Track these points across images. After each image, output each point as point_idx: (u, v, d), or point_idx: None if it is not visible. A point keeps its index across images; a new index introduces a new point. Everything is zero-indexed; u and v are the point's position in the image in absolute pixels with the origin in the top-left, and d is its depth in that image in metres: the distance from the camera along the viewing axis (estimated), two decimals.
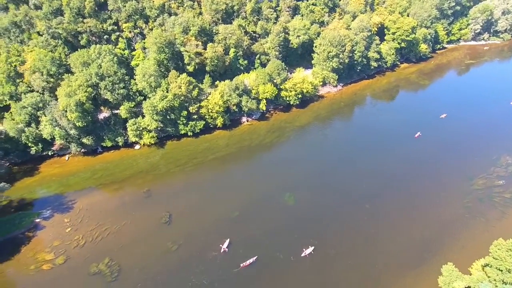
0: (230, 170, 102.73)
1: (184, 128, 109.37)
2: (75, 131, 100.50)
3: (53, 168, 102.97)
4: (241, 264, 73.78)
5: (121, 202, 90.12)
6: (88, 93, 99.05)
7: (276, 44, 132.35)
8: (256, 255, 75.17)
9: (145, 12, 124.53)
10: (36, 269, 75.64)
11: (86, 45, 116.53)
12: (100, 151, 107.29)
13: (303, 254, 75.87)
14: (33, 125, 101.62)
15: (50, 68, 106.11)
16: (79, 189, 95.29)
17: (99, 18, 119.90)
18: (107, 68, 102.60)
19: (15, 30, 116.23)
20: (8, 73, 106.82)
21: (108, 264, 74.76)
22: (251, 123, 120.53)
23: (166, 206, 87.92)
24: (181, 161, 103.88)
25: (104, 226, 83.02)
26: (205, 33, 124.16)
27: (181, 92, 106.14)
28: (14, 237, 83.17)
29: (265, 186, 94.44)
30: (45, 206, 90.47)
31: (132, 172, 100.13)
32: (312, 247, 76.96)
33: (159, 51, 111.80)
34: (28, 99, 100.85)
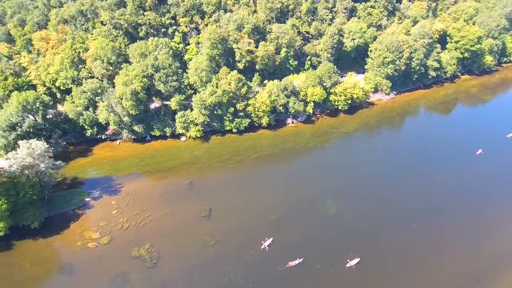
0: (272, 170, 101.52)
1: (229, 125, 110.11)
2: (128, 119, 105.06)
3: (105, 151, 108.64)
4: (288, 264, 72.78)
5: (165, 191, 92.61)
6: (143, 83, 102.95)
7: (329, 46, 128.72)
8: (302, 257, 73.85)
9: (202, 7, 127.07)
10: (82, 245, 79.95)
11: (145, 37, 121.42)
12: (149, 140, 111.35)
13: (348, 265, 73.09)
14: (91, 109, 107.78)
15: (110, 57, 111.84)
16: (127, 173, 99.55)
17: (158, 12, 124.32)
18: (162, 60, 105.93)
19: (81, 18, 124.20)
20: (72, 58, 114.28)
21: (148, 250, 77.07)
22: (296, 125, 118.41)
23: (207, 200, 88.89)
24: (224, 156, 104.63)
25: (148, 213, 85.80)
26: (258, 31, 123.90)
27: (230, 88, 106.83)
28: (65, 213, 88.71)
29: (306, 191, 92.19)
30: (95, 186, 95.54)
31: (177, 162, 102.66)
32: (357, 259, 73.83)
33: (212, 47, 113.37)
34: (88, 84, 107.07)
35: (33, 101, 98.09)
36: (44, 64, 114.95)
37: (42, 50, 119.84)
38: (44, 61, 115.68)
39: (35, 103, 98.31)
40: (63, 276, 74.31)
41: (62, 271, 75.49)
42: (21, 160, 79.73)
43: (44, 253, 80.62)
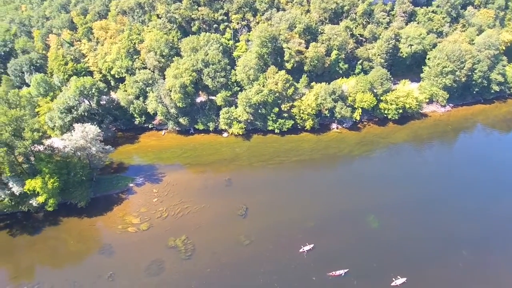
0: (312, 176, 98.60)
1: (272, 125, 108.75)
2: (174, 110, 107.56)
3: (151, 140, 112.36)
4: (331, 272, 70.60)
5: (204, 185, 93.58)
6: (192, 77, 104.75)
7: (383, 51, 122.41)
8: (347, 269, 71.24)
9: (254, 5, 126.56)
10: (123, 229, 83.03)
11: (197, 31, 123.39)
12: (192, 133, 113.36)
13: (393, 284, 69.25)
14: (141, 99, 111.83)
15: (163, 49, 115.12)
16: (169, 163, 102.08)
17: (212, 8, 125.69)
18: (212, 56, 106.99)
19: (138, 10, 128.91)
20: (128, 49, 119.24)
21: (184, 242, 78.16)
22: (341, 131, 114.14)
23: (244, 198, 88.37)
24: (264, 156, 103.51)
25: (186, 204, 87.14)
26: (310, 32, 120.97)
27: (277, 88, 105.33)
28: (109, 196, 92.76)
29: (346, 201, 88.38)
30: (139, 173, 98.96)
31: (217, 158, 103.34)
32: (403, 279, 69.50)
33: (262, 45, 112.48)
34: (141, 75, 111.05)
35: (89, 87, 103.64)
36: (102, 52, 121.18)
37: (101, 39, 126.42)
38: (102, 50, 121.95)
39: (91, 88, 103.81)
40: (103, 256, 77.57)
41: (102, 251, 78.87)
42: (75, 142, 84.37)
43: (88, 231, 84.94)
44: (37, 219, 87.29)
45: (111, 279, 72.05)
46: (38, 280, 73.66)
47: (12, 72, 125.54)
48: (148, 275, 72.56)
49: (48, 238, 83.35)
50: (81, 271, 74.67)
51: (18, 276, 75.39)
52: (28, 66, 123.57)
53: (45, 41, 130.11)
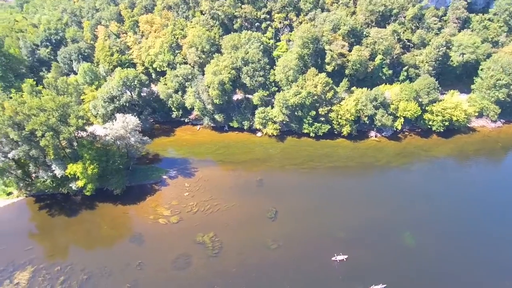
0: (346, 184, 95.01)
1: (308, 128, 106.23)
2: (211, 107, 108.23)
3: (186, 134, 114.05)
4: (370, 286, 67.88)
5: (235, 183, 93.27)
6: (231, 75, 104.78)
7: (432, 58, 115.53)
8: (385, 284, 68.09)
9: (298, 5, 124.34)
10: (154, 219, 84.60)
11: (238, 29, 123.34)
12: (226, 130, 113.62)
13: None
14: (180, 93, 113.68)
15: (204, 46, 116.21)
16: (202, 158, 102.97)
17: (255, 6, 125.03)
18: (252, 54, 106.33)
19: (183, 6, 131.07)
20: (171, 43, 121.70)
21: (212, 239, 78.16)
22: (379, 140, 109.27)
23: (274, 201, 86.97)
24: (297, 160, 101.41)
25: (216, 201, 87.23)
26: (354, 34, 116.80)
27: (316, 91, 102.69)
28: (143, 186, 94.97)
29: (381, 214, 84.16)
30: (172, 166, 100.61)
31: (250, 157, 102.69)
32: None
33: (303, 46, 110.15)
34: (181, 69, 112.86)
35: (132, 78, 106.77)
36: (146, 45, 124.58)
37: (146, 32, 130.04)
38: (146, 43, 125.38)
39: (134, 80, 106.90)
40: (133, 245, 79.42)
41: (133, 239, 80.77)
42: (116, 131, 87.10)
43: (120, 218, 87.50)
44: (75, 202, 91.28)
45: (139, 268, 73.51)
46: (72, 260, 76.71)
47: (61, 60, 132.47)
48: (175, 268, 73.28)
49: (84, 221, 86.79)
50: (111, 257, 76.91)
51: (54, 255, 79.05)
52: (76, 55, 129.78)
53: (94, 31, 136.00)
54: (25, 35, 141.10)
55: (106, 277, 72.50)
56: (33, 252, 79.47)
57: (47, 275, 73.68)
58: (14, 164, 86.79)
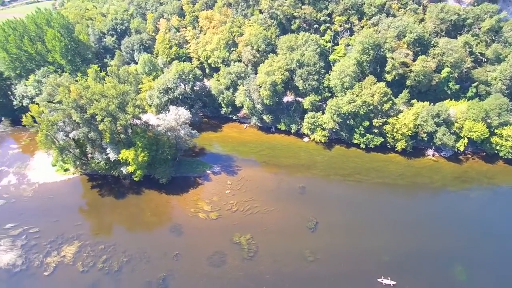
0: (394, 203, 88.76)
1: (358, 139, 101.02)
2: (260, 107, 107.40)
3: (232, 131, 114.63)
4: None
5: (277, 187, 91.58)
6: (284, 77, 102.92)
7: (507, 76, 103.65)
8: None
9: (362, 8, 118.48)
10: (194, 213, 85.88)
11: (296, 30, 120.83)
12: (273, 131, 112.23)
13: None
14: (231, 90, 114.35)
15: (260, 45, 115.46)
16: (246, 157, 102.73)
17: (315, 7, 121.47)
18: (308, 57, 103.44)
19: (243, 4, 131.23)
20: (227, 40, 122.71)
21: (248, 241, 77.35)
22: (437, 160, 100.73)
23: (316, 211, 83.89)
24: (344, 170, 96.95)
25: (256, 203, 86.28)
26: (421, 43, 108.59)
27: (372, 101, 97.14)
28: (188, 178, 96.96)
29: (431, 242, 77.13)
30: (217, 161, 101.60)
31: (294, 162, 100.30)
32: None
33: (363, 52, 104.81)
34: (235, 67, 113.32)
35: (188, 72, 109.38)
36: (203, 41, 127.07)
37: (204, 28, 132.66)
38: (204, 39, 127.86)
39: (189, 74, 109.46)
40: (172, 235, 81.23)
41: (172, 229, 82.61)
42: (168, 123, 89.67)
43: (163, 207, 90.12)
44: (123, 185, 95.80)
45: (176, 259, 74.93)
46: (115, 241, 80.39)
47: (124, 49, 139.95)
48: (210, 264, 73.62)
49: (129, 204, 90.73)
50: (151, 243, 79.23)
51: (99, 233, 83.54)
52: (138, 45, 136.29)
53: (156, 24, 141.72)
54: (94, 23, 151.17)
55: (144, 262, 74.93)
56: (81, 228, 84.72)
57: (91, 252, 77.99)
58: (73, 143, 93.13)
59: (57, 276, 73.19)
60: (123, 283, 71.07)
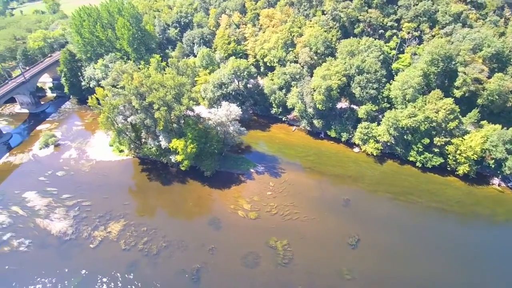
0: (448, 232, 79.74)
1: (415, 156, 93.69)
2: (312, 110, 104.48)
3: (280, 132, 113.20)
4: None
5: (320, 196, 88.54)
6: (341, 82, 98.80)
7: None
8: None
9: (435, 16, 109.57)
10: (233, 209, 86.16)
11: (359, 34, 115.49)
12: (322, 137, 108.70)
13: None
14: (284, 91, 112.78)
15: (319, 47, 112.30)
16: (291, 161, 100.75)
17: (383, 11, 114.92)
18: (370, 64, 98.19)
19: (306, 3, 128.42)
20: (286, 40, 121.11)
21: (284, 247, 75.67)
22: (503, 190, 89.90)
23: (358, 227, 79.53)
24: (394, 188, 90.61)
25: (297, 209, 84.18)
26: (499, 59, 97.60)
27: (436, 117, 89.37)
28: (231, 174, 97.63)
29: (484, 280, 69.08)
30: (261, 161, 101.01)
31: (341, 172, 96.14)
32: None
33: (431, 63, 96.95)
34: (290, 68, 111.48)
35: (243, 69, 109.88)
36: (262, 39, 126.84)
37: (264, 26, 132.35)
38: (262, 37, 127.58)
39: (244, 71, 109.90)
40: (210, 227, 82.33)
41: (211, 222, 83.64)
42: (218, 117, 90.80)
43: (205, 199, 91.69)
44: (170, 172, 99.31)
45: (211, 253, 75.75)
46: (156, 225, 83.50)
47: (185, 41, 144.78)
48: (243, 263, 73.32)
49: (174, 192, 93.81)
50: (190, 233, 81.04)
51: (144, 215, 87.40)
52: (198, 39, 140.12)
53: (218, 19, 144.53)
54: (160, 15, 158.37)
55: (181, 250, 76.85)
56: (128, 207, 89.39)
57: (134, 232, 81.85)
58: (130, 127, 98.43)
59: (101, 250, 77.94)
60: (159, 267, 73.52)
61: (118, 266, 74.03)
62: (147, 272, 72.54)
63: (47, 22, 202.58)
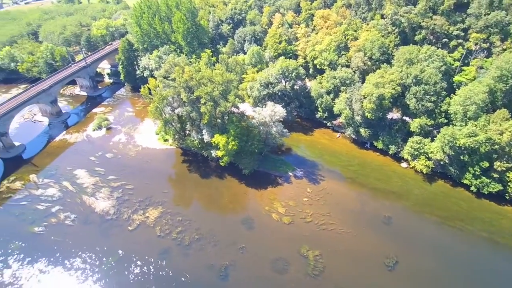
0: (499, 268, 71.41)
1: (470, 179, 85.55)
2: (359, 118, 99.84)
3: (323, 137, 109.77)
4: None
5: (359, 210, 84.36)
6: (395, 92, 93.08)
7: None
8: None
9: (508, 28, 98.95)
10: (268, 211, 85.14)
11: (419, 42, 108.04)
12: (367, 147, 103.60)
13: None
14: (331, 95, 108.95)
15: (374, 52, 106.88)
16: (332, 168, 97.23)
17: (449, 19, 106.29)
18: (429, 74, 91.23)
19: (364, 6, 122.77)
20: (339, 43, 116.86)
21: (316, 258, 73.17)
22: None
23: (398, 249, 74.51)
24: (442, 211, 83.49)
25: (333, 220, 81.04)
26: None
27: (500, 140, 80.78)
28: (269, 175, 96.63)
29: None
30: (300, 165, 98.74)
31: (384, 186, 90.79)
32: None
33: (499, 79, 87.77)
34: (341, 72, 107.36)
35: (291, 70, 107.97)
36: (314, 40, 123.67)
37: (317, 27, 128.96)
38: (315, 38, 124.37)
39: (292, 72, 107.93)
40: (242, 226, 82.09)
41: (244, 221, 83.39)
42: (262, 117, 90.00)
43: (240, 197, 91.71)
44: (209, 166, 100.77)
45: (241, 252, 75.49)
46: (191, 217, 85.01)
47: (237, 38, 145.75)
48: (272, 268, 72.13)
49: (211, 186, 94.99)
50: (222, 229, 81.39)
51: (180, 205, 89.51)
52: (250, 37, 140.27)
53: (271, 18, 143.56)
54: (215, 10, 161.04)
55: (212, 245, 77.51)
56: (167, 195, 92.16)
57: (170, 220, 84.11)
58: (176, 118, 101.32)
59: (138, 234, 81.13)
60: (189, 258, 74.80)
61: (152, 251, 76.55)
62: (178, 262, 74.18)
63: (111, 11, 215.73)
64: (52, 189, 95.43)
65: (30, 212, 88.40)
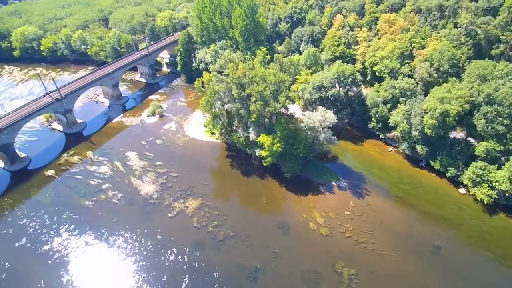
0: None
1: None
2: (417, 134, 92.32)
3: (373, 149, 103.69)
4: None
5: (406, 233, 78.12)
6: (462, 109, 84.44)
7: None
8: None
9: None
10: (306, 219, 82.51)
11: (496, 57, 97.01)
12: (422, 166, 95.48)
13: None
14: (388, 106, 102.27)
15: (443, 64, 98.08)
16: (379, 184, 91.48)
17: None
18: (504, 94, 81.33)
19: (436, 13, 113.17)
20: (403, 50, 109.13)
21: (350, 276, 69.30)
22: None
23: (445, 283, 67.67)
24: (500, 249, 73.95)
25: (374, 240, 76.08)
26: None
27: None
28: (311, 181, 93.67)
29: None
30: (346, 175, 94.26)
31: (436, 211, 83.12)
32: None
33: None
34: (402, 82, 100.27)
35: (348, 75, 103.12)
36: (375, 45, 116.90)
37: (381, 32, 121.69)
38: (377, 43, 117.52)
39: (349, 77, 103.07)
40: (278, 230, 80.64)
41: (280, 225, 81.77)
42: (311, 122, 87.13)
43: (279, 200, 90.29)
44: (252, 164, 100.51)
45: (274, 256, 74.10)
46: (228, 213, 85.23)
47: (294, 38, 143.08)
48: (303, 279, 69.89)
49: (251, 184, 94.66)
50: (258, 230, 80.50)
51: (219, 199, 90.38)
52: (307, 37, 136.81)
53: (331, 19, 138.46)
54: (275, 8, 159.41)
55: (245, 244, 77.14)
56: (207, 188, 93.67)
57: (208, 213, 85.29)
58: (225, 113, 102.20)
59: (176, 221, 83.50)
60: (221, 254, 75.21)
61: (187, 241, 78.29)
62: (210, 255, 74.92)
63: (175, 3, 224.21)
64: (105, 167, 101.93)
65: (83, 186, 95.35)
